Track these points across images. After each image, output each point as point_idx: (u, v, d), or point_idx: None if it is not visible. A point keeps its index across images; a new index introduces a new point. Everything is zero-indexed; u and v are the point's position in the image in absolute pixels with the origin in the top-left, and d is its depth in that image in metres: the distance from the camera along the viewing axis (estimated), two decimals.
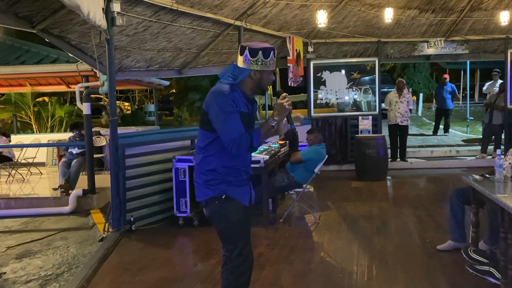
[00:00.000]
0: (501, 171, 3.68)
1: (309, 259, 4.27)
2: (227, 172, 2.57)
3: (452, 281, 3.67)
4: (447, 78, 13.51)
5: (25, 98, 12.63)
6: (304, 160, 5.65)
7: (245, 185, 2.65)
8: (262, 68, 2.55)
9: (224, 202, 2.56)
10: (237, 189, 2.60)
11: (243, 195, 2.62)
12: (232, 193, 2.57)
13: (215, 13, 6.86)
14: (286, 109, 2.51)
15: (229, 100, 2.49)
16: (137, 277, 3.98)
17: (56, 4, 4.96)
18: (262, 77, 2.58)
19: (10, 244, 5.34)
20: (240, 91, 2.58)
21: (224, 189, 2.57)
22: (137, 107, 26.25)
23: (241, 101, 2.56)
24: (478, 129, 13.07)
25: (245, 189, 2.65)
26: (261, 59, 2.54)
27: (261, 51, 2.53)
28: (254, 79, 2.58)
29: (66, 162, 7.42)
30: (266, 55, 2.54)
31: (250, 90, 2.62)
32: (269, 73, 2.60)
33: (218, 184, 2.56)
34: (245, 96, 2.60)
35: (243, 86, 2.60)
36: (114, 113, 5.28)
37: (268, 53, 2.55)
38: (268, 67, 2.57)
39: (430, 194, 7.13)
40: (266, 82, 2.60)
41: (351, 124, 9.53)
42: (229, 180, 2.57)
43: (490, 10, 8.91)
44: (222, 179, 2.56)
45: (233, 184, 2.58)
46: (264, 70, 2.56)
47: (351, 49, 9.85)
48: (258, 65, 2.55)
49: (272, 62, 2.58)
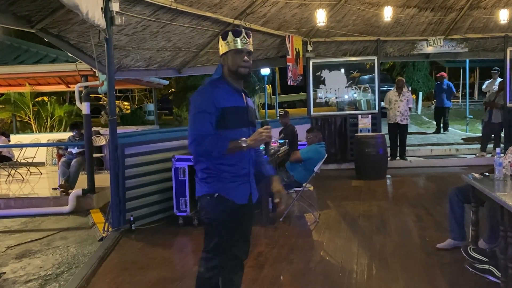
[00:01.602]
0: (501, 169, 3.68)
1: (308, 258, 4.27)
2: (220, 169, 2.53)
3: (452, 280, 3.67)
4: (444, 76, 13.48)
5: (24, 98, 12.63)
6: (304, 159, 5.64)
7: (243, 183, 2.60)
8: (228, 48, 2.52)
9: (215, 200, 2.55)
10: (233, 187, 2.56)
11: (239, 193, 2.58)
12: (226, 192, 2.54)
13: (214, 12, 6.85)
14: (262, 139, 2.50)
15: (205, 99, 2.47)
16: (137, 277, 3.98)
17: (55, 3, 4.95)
18: (228, 59, 2.53)
19: (10, 244, 5.34)
20: (226, 83, 2.56)
21: (218, 188, 2.55)
22: (136, 107, 26.23)
23: (227, 94, 2.52)
24: (478, 127, 13.07)
25: (243, 186, 2.60)
26: (231, 38, 2.51)
27: (230, 32, 2.54)
28: (226, 65, 2.55)
29: (66, 162, 7.41)
30: (236, 34, 2.52)
31: (232, 80, 2.57)
32: (235, 53, 2.52)
33: (213, 182, 2.55)
34: (233, 87, 2.57)
35: (227, 78, 2.57)
36: (114, 113, 5.27)
37: (237, 31, 2.53)
38: (231, 46, 2.51)
39: (429, 193, 7.13)
40: (234, 63, 2.52)
41: (351, 123, 9.54)
42: (224, 177, 2.54)
43: (489, 8, 8.90)
44: (217, 176, 2.54)
45: (228, 181, 2.54)
46: (228, 50, 2.52)
47: (350, 48, 9.84)
48: (225, 47, 2.52)
49: (240, 42, 2.51)
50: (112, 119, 5.26)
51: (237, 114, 2.52)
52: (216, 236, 2.60)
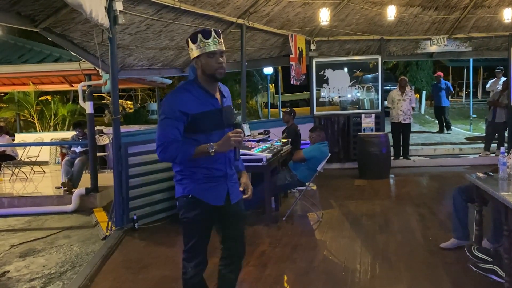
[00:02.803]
0: (505, 169, 3.66)
1: (312, 257, 4.27)
2: (192, 171, 2.52)
3: (455, 279, 3.66)
4: (441, 76, 13.45)
5: (28, 97, 12.65)
6: (307, 158, 5.64)
7: (219, 184, 2.56)
8: (200, 51, 2.41)
9: (190, 200, 2.54)
10: (206, 188, 2.53)
11: (213, 195, 2.55)
12: (199, 193, 2.53)
13: (217, 11, 6.86)
14: (229, 145, 2.42)
15: (174, 104, 2.42)
16: (140, 275, 3.98)
17: (58, 2, 4.97)
18: (202, 62, 2.43)
19: (14, 242, 5.35)
20: (198, 87, 2.48)
21: (192, 189, 2.53)
22: (139, 106, 26.28)
23: (198, 99, 2.46)
24: (481, 127, 13.02)
25: (218, 188, 2.57)
26: (201, 41, 2.40)
27: (199, 33, 2.42)
28: (200, 68, 2.46)
29: (69, 161, 7.43)
30: (206, 35, 2.41)
31: (206, 82, 2.49)
32: (209, 56, 2.41)
33: (187, 183, 2.54)
34: (205, 92, 2.49)
35: (201, 81, 2.49)
36: (117, 112, 5.28)
37: (207, 33, 2.42)
38: (204, 49, 2.40)
39: (433, 192, 7.12)
40: (210, 67, 2.42)
41: (354, 122, 9.53)
42: (197, 178, 2.52)
43: (494, 7, 8.87)
44: (190, 178, 2.53)
45: (202, 182, 2.52)
46: (201, 54, 2.41)
47: (353, 47, 9.83)
48: (197, 51, 2.42)
49: (212, 43, 2.41)
50: (116, 118, 5.27)
51: (208, 118, 2.46)
52: (193, 236, 2.61)
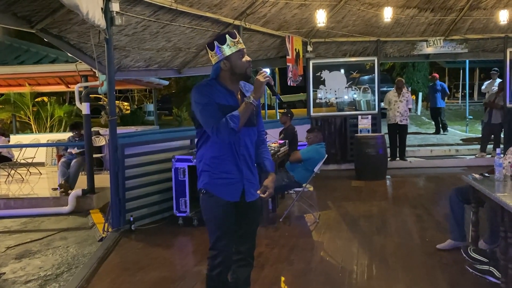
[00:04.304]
0: (501, 170, 3.68)
1: (309, 258, 4.27)
2: (214, 163, 2.58)
3: (452, 280, 3.67)
4: (436, 77, 13.52)
5: (24, 98, 12.61)
6: (304, 160, 5.64)
7: (234, 181, 2.61)
8: (230, 51, 2.53)
9: (205, 196, 2.62)
10: (221, 184, 2.58)
11: (227, 191, 2.59)
12: (214, 189, 2.58)
13: (214, 13, 6.85)
14: (261, 82, 2.50)
15: (202, 92, 2.52)
16: (137, 277, 3.97)
17: (55, 3, 4.95)
18: (231, 62, 2.55)
19: (10, 244, 5.33)
20: (220, 85, 2.59)
21: (206, 183, 2.60)
22: (136, 107, 26.20)
23: (220, 93, 2.56)
24: (478, 128, 13.07)
25: (234, 185, 2.61)
26: (231, 41, 2.54)
27: (227, 34, 2.56)
28: (226, 69, 2.57)
29: (66, 162, 7.41)
30: (233, 36, 2.56)
31: (230, 81, 2.60)
32: (237, 55, 2.55)
33: (205, 177, 2.61)
34: (226, 89, 2.59)
35: (222, 81, 2.60)
36: (113, 113, 5.27)
37: (233, 34, 2.58)
38: (234, 48, 2.54)
39: (429, 193, 7.13)
40: (241, 66, 2.56)
41: (351, 123, 9.54)
42: (214, 173, 2.58)
43: (489, 9, 8.90)
44: (208, 171, 2.59)
45: (217, 177, 2.58)
46: (231, 54, 2.54)
47: (350, 49, 9.84)
48: (227, 50, 2.53)
49: (238, 42, 2.56)
50: (112, 120, 5.26)
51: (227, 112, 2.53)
52: (213, 232, 2.64)
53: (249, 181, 2.66)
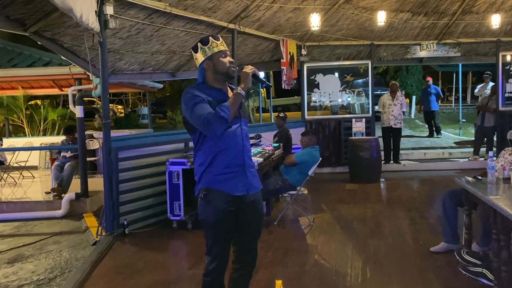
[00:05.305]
0: (493, 173, 3.70)
1: (303, 261, 4.27)
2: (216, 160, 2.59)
3: (446, 283, 3.68)
4: (430, 81, 13.62)
5: (17, 101, 12.52)
6: (298, 163, 5.65)
7: (239, 174, 2.62)
8: (211, 52, 2.64)
9: (202, 199, 2.60)
10: (224, 180, 2.59)
11: (233, 184, 2.60)
12: (218, 185, 2.58)
13: (209, 16, 6.86)
14: (247, 73, 2.61)
15: (191, 94, 2.58)
16: (131, 281, 3.96)
17: (48, 6, 4.94)
18: (213, 61, 2.65)
19: (2, 248, 5.28)
20: (208, 87, 2.66)
21: (209, 182, 2.59)
22: (130, 110, 26.13)
23: (210, 92, 2.62)
24: (471, 131, 13.16)
25: (238, 178, 2.62)
26: (213, 42, 2.67)
27: (210, 36, 2.70)
28: (209, 69, 2.66)
29: (59, 166, 7.36)
30: (216, 38, 2.70)
31: (216, 81, 2.68)
32: (219, 55, 2.65)
33: (206, 177, 2.61)
34: (214, 88, 2.66)
35: (209, 83, 2.68)
36: (107, 116, 5.25)
37: (216, 37, 2.72)
38: (214, 49, 2.65)
39: (423, 196, 7.17)
40: (223, 65, 2.64)
41: (345, 126, 9.58)
42: (217, 170, 2.59)
43: (482, 13, 8.99)
44: (210, 171, 2.60)
45: (219, 173, 2.58)
46: (213, 54, 2.64)
47: (344, 52, 9.89)
48: (209, 51, 2.65)
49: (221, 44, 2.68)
50: (106, 123, 5.24)
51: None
52: (210, 237, 2.63)
53: (250, 170, 2.68)
